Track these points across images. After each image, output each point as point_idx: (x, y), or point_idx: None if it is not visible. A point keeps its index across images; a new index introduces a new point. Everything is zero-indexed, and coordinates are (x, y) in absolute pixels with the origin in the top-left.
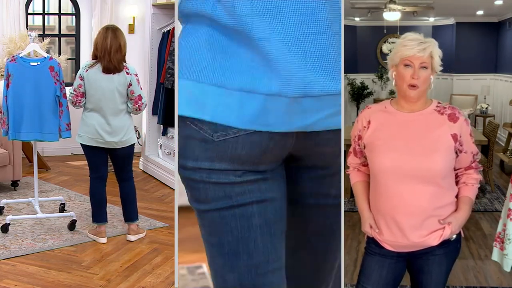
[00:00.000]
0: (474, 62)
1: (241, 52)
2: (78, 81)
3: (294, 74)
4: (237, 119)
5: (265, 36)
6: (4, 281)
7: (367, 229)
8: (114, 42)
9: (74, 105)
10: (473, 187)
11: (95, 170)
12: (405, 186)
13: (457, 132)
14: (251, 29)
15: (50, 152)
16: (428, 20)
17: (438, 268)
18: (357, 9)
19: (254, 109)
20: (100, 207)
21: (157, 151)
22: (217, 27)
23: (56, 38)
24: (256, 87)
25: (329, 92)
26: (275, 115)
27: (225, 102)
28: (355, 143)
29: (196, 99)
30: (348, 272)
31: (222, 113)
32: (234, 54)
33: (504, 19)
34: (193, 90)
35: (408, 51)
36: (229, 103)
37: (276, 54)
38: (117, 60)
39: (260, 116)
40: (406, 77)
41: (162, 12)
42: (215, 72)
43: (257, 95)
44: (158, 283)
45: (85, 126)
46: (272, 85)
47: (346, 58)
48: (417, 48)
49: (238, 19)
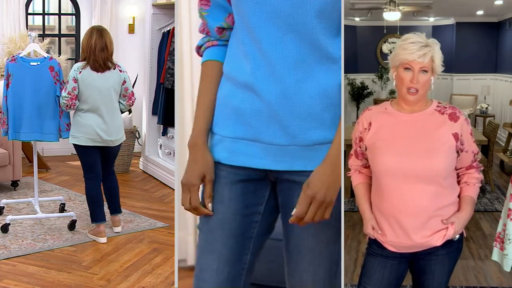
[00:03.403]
0: (474, 62)
1: None
2: (72, 83)
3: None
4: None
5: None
6: (4, 281)
7: (369, 231)
8: (99, 41)
9: (67, 108)
10: (475, 186)
11: (90, 170)
12: (407, 187)
13: (458, 131)
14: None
15: (50, 152)
16: (428, 20)
17: (441, 268)
18: (357, 9)
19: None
20: (98, 206)
21: (157, 151)
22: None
23: (56, 38)
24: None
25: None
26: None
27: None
28: (356, 145)
29: None
30: (348, 272)
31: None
32: None
33: (504, 19)
34: None
35: (408, 55)
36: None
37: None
38: (103, 58)
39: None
40: (406, 81)
41: (162, 12)
42: None
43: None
44: (158, 283)
45: (81, 127)
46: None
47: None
48: (418, 53)
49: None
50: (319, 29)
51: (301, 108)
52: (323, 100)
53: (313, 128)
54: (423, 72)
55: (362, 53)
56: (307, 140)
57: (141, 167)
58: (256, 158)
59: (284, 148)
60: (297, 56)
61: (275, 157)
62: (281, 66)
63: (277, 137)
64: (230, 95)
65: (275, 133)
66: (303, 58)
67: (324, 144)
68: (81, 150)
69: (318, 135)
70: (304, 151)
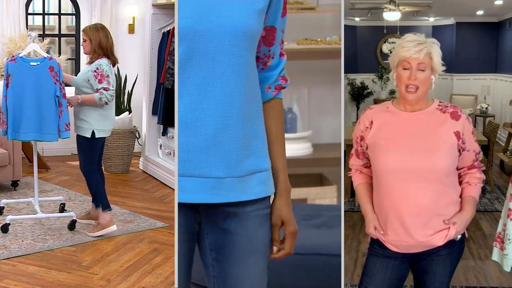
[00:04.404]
0: (474, 62)
1: None
2: (113, 78)
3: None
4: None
5: None
6: (4, 281)
7: (371, 231)
8: (112, 40)
9: (109, 102)
10: (477, 186)
11: (97, 162)
12: (408, 185)
13: (459, 129)
14: None
15: (50, 152)
16: (428, 20)
17: (442, 268)
18: (357, 9)
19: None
20: (105, 194)
21: (157, 151)
22: None
23: (56, 38)
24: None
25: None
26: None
27: None
28: (357, 144)
29: None
30: (348, 272)
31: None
32: None
33: (504, 19)
34: None
35: (405, 52)
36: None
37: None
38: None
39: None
40: (404, 78)
41: (162, 12)
42: None
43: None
44: (158, 283)
45: (108, 120)
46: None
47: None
48: (414, 50)
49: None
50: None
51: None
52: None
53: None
54: (420, 70)
55: (362, 53)
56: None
57: (141, 167)
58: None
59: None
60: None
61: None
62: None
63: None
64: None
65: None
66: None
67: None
68: (97, 143)
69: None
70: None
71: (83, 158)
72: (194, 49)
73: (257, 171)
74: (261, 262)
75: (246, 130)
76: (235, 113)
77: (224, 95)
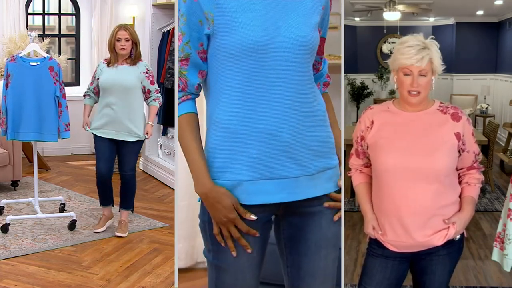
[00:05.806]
0: (474, 62)
1: None
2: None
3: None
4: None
5: None
6: (4, 281)
7: (370, 231)
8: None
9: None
10: (476, 187)
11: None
12: (408, 185)
13: (460, 131)
14: None
15: (50, 152)
16: (428, 20)
17: (441, 268)
18: (357, 9)
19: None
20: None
21: (157, 151)
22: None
23: (56, 38)
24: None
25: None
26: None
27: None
28: (357, 144)
29: None
30: (348, 272)
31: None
32: None
33: (504, 19)
34: None
35: (406, 60)
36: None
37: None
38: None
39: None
40: (406, 84)
41: (162, 12)
42: None
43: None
44: (158, 283)
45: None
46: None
47: (346, 58)
48: (416, 58)
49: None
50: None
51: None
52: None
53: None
54: (422, 76)
55: (362, 53)
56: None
57: (141, 167)
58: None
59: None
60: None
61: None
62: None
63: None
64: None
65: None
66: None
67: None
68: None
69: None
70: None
71: (134, 161)
72: (262, 62)
73: (327, 168)
74: (332, 255)
75: (316, 132)
76: (306, 118)
77: (292, 104)
